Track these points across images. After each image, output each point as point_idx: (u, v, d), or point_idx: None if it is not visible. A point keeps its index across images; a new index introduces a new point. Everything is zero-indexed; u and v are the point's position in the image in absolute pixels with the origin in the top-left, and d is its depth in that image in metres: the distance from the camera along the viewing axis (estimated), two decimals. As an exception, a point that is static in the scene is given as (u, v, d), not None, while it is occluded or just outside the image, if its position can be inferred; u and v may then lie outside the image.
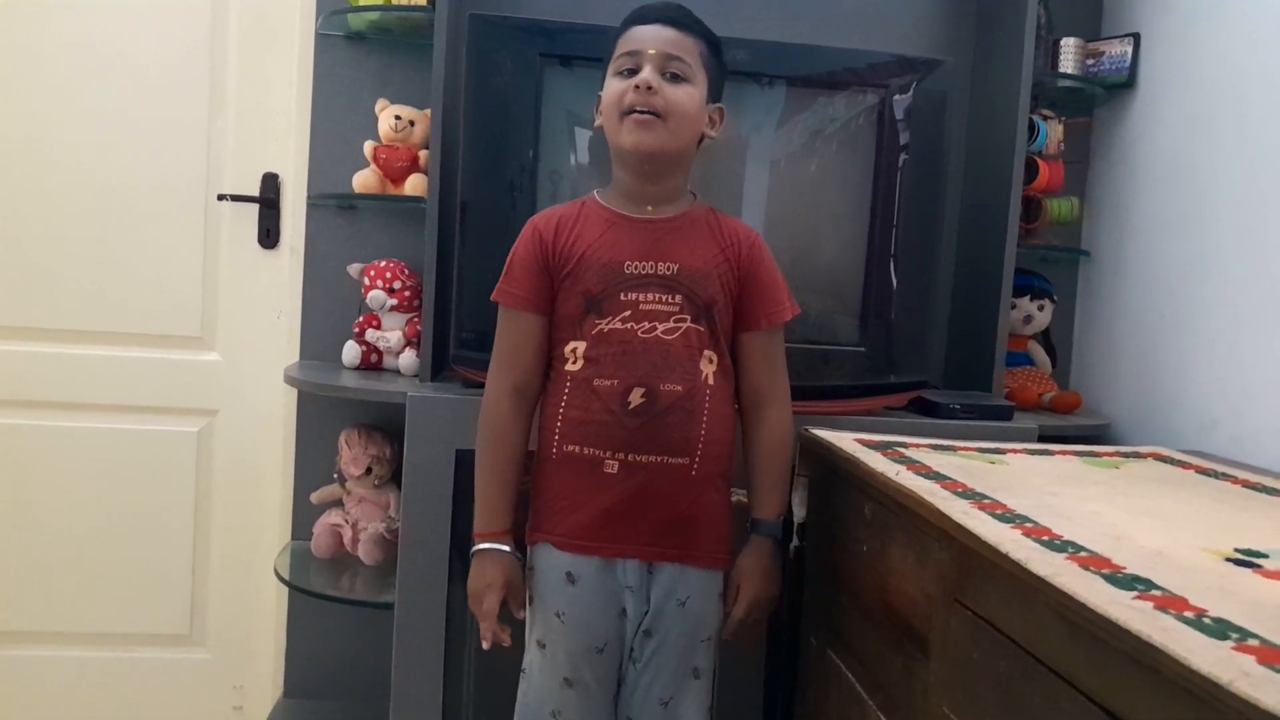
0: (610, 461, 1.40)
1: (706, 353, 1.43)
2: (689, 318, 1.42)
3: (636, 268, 1.42)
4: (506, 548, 1.44)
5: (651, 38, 1.40)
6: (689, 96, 1.41)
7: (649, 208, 1.46)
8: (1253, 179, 1.75)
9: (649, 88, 1.37)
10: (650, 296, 1.41)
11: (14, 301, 2.16)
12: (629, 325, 1.41)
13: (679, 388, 1.40)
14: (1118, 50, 2.10)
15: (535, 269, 1.44)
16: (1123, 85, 2.10)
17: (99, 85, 2.13)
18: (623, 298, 1.41)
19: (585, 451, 1.41)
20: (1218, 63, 1.86)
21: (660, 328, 1.41)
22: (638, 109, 1.38)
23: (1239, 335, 1.76)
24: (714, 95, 1.47)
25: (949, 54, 1.97)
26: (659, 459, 1.39)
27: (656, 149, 1.40)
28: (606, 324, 1.41)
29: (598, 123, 1.47)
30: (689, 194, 1.51)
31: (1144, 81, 2.07)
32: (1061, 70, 2.11)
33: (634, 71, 1.40)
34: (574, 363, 1.43)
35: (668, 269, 1.42)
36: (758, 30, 1.87)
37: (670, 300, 1.41)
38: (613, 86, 1.42)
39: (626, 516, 1.41)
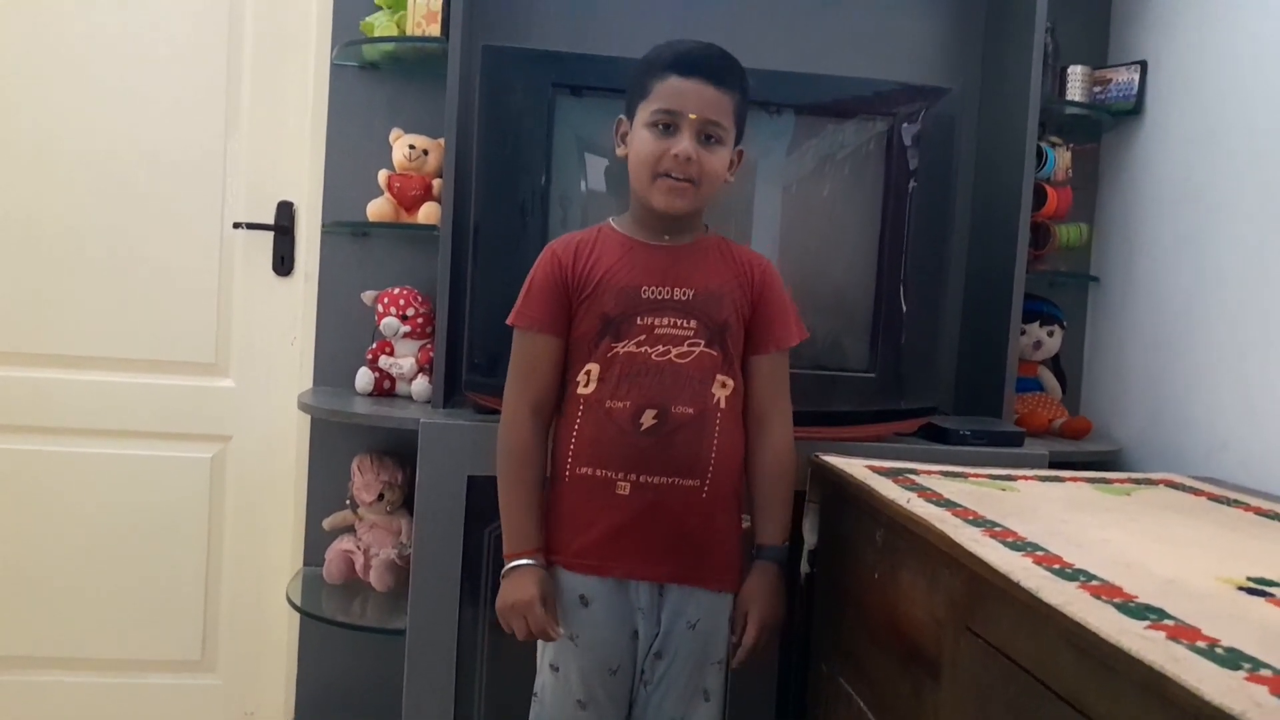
0: (622, 483, 1.41)
1: (719, 376, 1.44)
2: (703, 342, 1.43)
3: (654, 292, 1.43)
4: (537, 563, 1.43)
5: (693, 99, 1.39)
6: (721, 161, 1.42)
7: (665, 237, 1.48)
8: (1260, 204, 1.75)
9: (688, 159, 1.38)
10: (666, 321, 1.43)
11: (29, 327, 2.18)
12: (643, 349, 1.42)
13: (690, 410, 1.41)
14: (1125, 77, 2.11)
15: (553, 292, 1.46)
16: (1130, 112, 2.11)
17: (115, 114, 2.16)
18: (639, 321, 1.42)
19: (598, 473, 1.42)
20: (1225, 90, 1.87)
21: (674, 351, 1.42)
22: (673, 175, 1.40)
23: (1247, 359, 1.76)
24: (737, 140, 1.47)
25: (956, 81, 1.98)
26: (670, 480, 1.40)
27: (686, 211, 1.43)
28: (622, 347, 1.42)
29: (620, 152, 1.47)
30: (703, 224, 1.53)
31: (1151, 108, 2.08)
32: (1069, 97, 2.12)
33: (669, 127, 1.39)
34: (587, 385, 1.44)
35: (684, 294, 1.44)
36: (766, 59, 1.87)
37: (685, 324, 1.43)
38: (647, 142, 1.40)
39: (637, 537, 1.41)
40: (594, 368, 1.44)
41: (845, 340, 1.86)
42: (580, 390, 1.44)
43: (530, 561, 1.43)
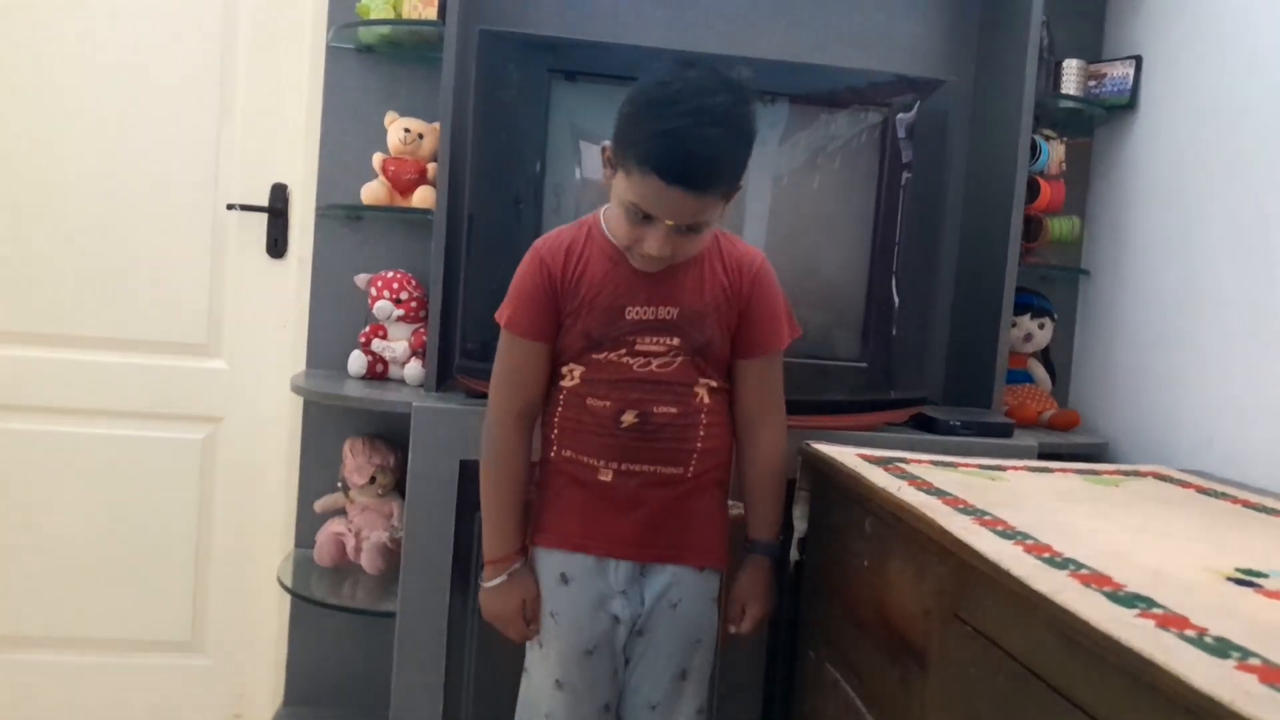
0: (605, 470, 1.42)
1: (702, 380, 1.44)
2: (684, 354, 1.42)
3: (638, 312, 1.41)
4: (517, 568, 1.47)
5: (672, 208, 1.29)
6: (701, 241, 1.38)
7: None
8: (1250, 201, 1.76)
9: (661, 255, 1.34)
10: (648, 339, 1.41)
11: (22, 307, 2.17)
12: (624, 360, 1.41)
13: (673, 410, 1.42)
14: (1119, 72, 2.11)
15: (542, 299, 1.43)
16: (1124, 107, 2.11)
17: (109, 94, 2.15)
18: (621, 337, 1.42)
19: (581, 459, 1.43)
20: (1218, 86, 1.87)
21: (655, 362, 1.42)
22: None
23: (1235, 355, 1.78)
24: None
25: (951, 74, 1.99)
26: (653, 469, 1.42)
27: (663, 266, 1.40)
28: (603, 357, 1.42)
29: (606, 177, 1.38)
30: None
31: (1145, 103, 2.09)
32: (1063, 91, 2.12)
33: (647, 217, 1.31)
34: (570, 379, 1.44)
35: (668, 313, 1.41)
36: (761, 48, 1.87)
37: (667, 340, 1.42)
38: (622, 221, 1.35)
39: (619, 518, 1.43)
40: (578, 369, 1.44)
41: (837, 330, 1.87)
42: (564, 383, 1.45)
43: (510, 570, 1.46)
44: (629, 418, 1.40)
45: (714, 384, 1.45)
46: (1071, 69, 2.12)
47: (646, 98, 1.29)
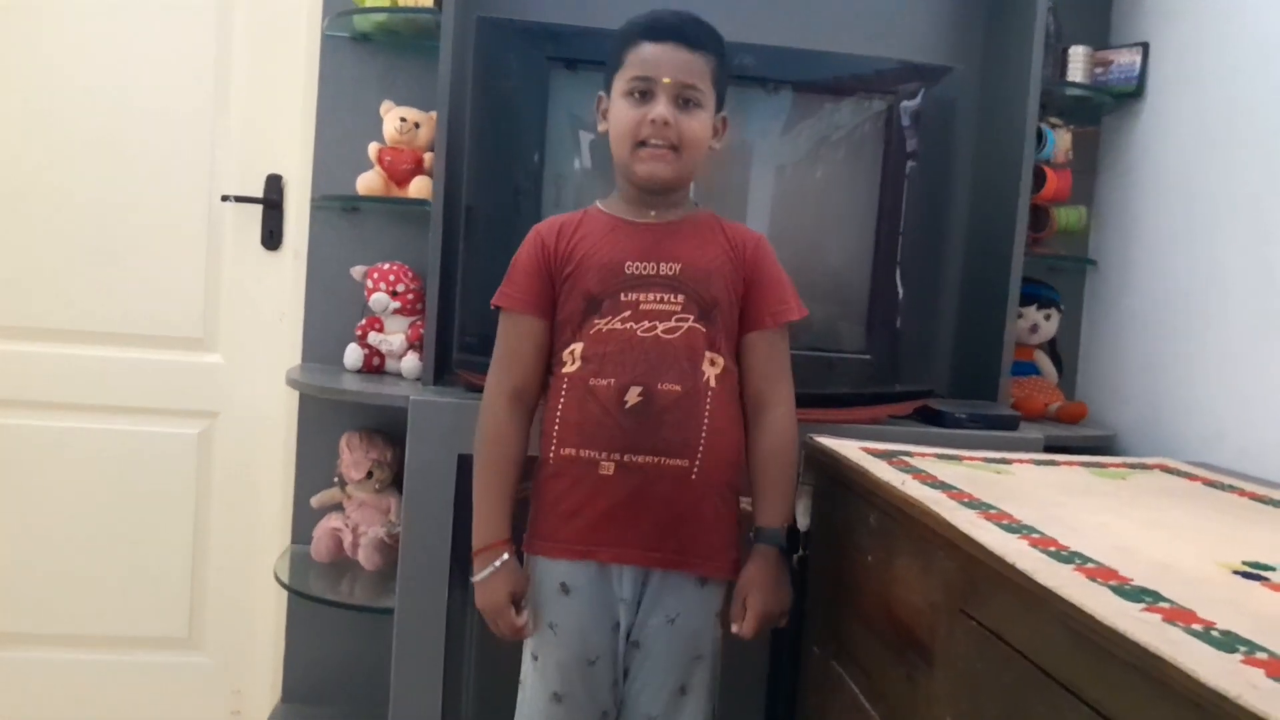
0: (606, 463, 1.37)
1: (709, 354, 1.41)
2: (691, 317, 1.40)
3: (638, 267, 1.41)
4: (508, 556, 1.42)
5: (666, 64, 1.38)
6: (702, 125, 1.41)
7: (652, 213, 1.45)
8: (1260, 190, 1.74)
9: (665, 123, 1.37)
10: (652, 296, 1.40)
11: (15, 301, 2.16)
12: (628, 325, 1.39)
13: (677, 387, 1.38)
14: (1127, 59, 2.09)
15: (537, 273, 1.44)
16: (1131, 94, 2.09)
17: (103, 84, 2.13)
18: (623, 298, 1.40)
19: (581, 454, 1.39)
20: (1227, 73, 1.85)
21: (661, 327, 1.39)
22: (653, 142, 1.38)
23: (1245, 346, 1.75)
24: (719, 106, 1.45)
25: (957, 61, 1.96)
26: (656, 460, 1.37)
27: (671, 180, 1.42)
28: (606, 324, 1.40)
29: (601, 128, 1.46)
30: (691, 200, 1.51)
31: (1153, 91, 2.06)
32: (1070, 79, 2.10)
33: (645, 94, 1.39)
34: (571, 364, 1.41)
35: (670, 269, 1.41)
36: (764, 35, 1.84)
37: (672, 300, 1.40)
38: (624, 112, 1.40)
39: (623, 520, 1.38)
40: (578, 346, 1.41)
41: (841, 322, 1.85)
42: (565, 370, 1.42)
43: (499, 561, 1.41)
44: (632, 396, 1.37)
45: (721, 360, 1.42)
46: (1078, 56, 2.10)
47: (622, 26, 1.45)
